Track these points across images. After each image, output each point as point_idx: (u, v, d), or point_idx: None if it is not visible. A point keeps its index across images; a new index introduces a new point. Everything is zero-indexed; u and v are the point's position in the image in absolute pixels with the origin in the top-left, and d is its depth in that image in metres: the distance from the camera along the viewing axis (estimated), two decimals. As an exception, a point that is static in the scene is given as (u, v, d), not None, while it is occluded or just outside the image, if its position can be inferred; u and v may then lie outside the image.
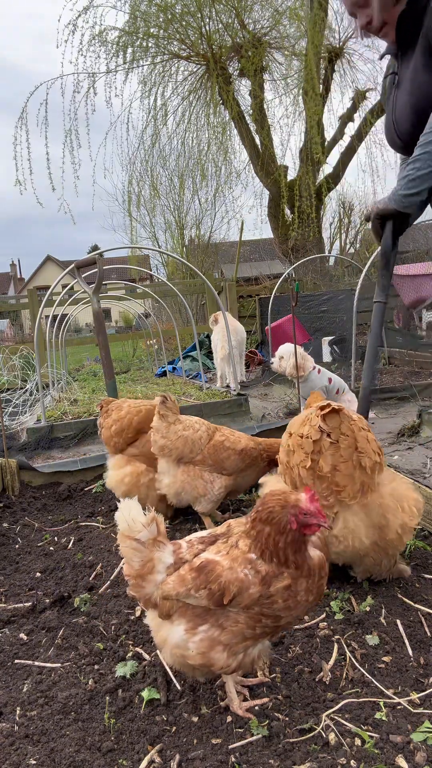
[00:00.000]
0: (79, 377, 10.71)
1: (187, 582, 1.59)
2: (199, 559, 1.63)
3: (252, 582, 1.55)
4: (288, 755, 1.50)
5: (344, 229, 20.73)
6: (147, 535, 1.64)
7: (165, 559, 1.65)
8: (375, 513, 2.10)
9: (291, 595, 1.57)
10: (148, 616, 1.72)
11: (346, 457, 2.06)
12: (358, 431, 2.10)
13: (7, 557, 2.98)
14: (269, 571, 1.56)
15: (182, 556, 1.67)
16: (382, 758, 1.47)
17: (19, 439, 5.70)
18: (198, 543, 1.70)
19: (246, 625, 1.57)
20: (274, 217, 14.22)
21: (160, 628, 1.66)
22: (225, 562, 1.59)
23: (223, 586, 1.55)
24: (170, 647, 1.64)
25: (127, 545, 1.64)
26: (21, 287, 50.10)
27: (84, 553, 2.90)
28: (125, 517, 1.64)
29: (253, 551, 1.60)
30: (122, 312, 34.42)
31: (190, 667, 1.65)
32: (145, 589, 1.65)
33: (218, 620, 1.59)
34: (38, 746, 1.64)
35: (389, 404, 6.10)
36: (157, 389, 7.50)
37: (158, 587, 1.63)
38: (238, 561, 1.59)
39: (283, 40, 13.08)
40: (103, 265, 4.35)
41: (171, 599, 1.61)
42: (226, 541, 1.66)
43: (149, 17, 12.66)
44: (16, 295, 35.04)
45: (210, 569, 1.59)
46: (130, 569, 1.66)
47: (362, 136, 14.05)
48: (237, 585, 1.55)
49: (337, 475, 2.06)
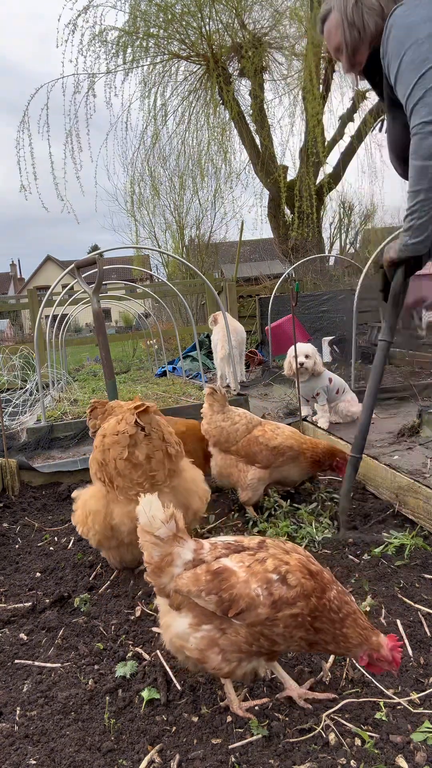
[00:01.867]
0: (79, 377, 10.71)
1: (201, 583, 1.60)
2: (217, 563, 1.63)
3: (262, 603, 1.56)
4: (288, 755, 1.50)
5: (344, 229, 20.75)
6: (166, 531, 1.67)
7: (184, 555, 1.68)
8: (181, 495, 2.49)
9: (296, 625, 1.57)
10: (159, 602, 1.76)
11: (157, 447, 2.39)
12: (164, 426, 2.46)
13: (7, 557, 2.98)
14: (282, 596, 1.56)
15: (202, 556, 1.68)
16: (382, 758, 1.47)
17: (19, 439, 5.70)
18: (222, 548, 1.71)
19: (245, 639, 1.58)
20: (274, 217, 14.22)
21: (166, 614, 1.70)
22: (242, 574, 1.60)
23: (233, 598, 1.56)
24: (171, 635, 1.66)
25: (147, 540, 1.68)
26: (21, 287, 50.09)
27: (84, 553, 2.90)
28: (146, 513, 1.67)
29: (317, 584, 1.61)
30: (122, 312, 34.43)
31: (185, 656, 1.67)
32: (161, 579, 1.68)
33: (221, 625, 1.60)
34: (38, 746, 1.64)
35: (389, 404, 6.10)
36: (157, 389, 7.50)
37: (173, 579, 1.66)
38: (257, 577, 1.59)
39: (283, 40, 13.08)
40: (103, 265, 4.34)
41: (182, 594, 1.63)
42: (254, 554, 1.66)
43: (149, 17, 12.66)
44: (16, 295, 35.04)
45: (225, 577, 1.59)
46: (150, 559, 1.69)
47: (362, 136, 14.04)
48: (247, 601, 1.56)
49: (151, 462, 2.38)
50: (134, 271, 20.70)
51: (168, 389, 7.42)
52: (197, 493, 2.59)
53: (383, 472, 3.23)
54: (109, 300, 12.94)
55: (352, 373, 6.41)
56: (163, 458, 2.43)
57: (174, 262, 17.71)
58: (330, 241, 19.68)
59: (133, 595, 2.44)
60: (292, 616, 1.56)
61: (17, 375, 8.83)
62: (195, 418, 3.45)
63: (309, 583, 1.60)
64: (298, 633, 1.58)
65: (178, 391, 7.19)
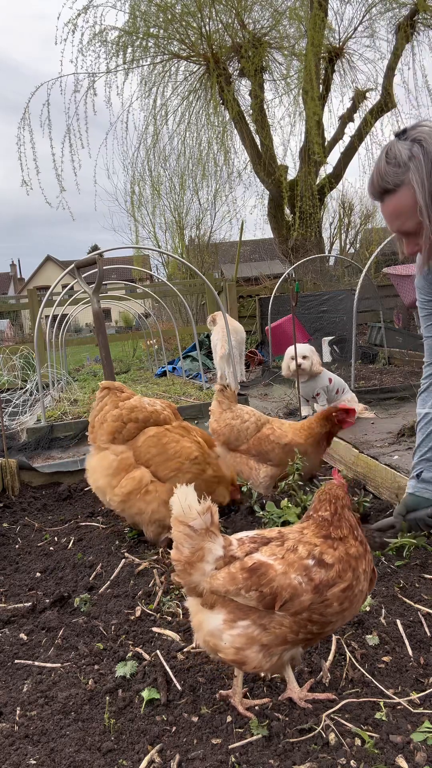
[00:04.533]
0: (79, 377, 10.71)
1: (238, 581, 1.58)
2: (251, 560, 1.62)
3: (305, 590, 1.56)
4: (288, 755, 1.50)
5: (344, 229, 20.75)
6: (201, 523, 1.62)
7: (215, 551, 1.65)
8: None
9: (348, 596, 1.59)
10: (189, 601, 1.72)
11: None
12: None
13: (7, 557, 2.98)
14: (323, 579, 1.57)
15: (233, 553, 1.66)
16: (382, 758, 1.47)
17: (19, 439, 5.70)
18: (249, 542, 1.69)
19: (290, 629, 1.57)
20: (275, 217, 14.22)
21: (198, 613, 1.67)
22: (279, 566, 1.59)
23: (276, 591, 1.55)
24: (204, 633, 1.64)
25: (180, 530, 1.64)
26: (21, 287, 50.06)
27: (84, 553, 2.90)
28: (180, 503, 1.64)
29: (322, 533, 1.66)
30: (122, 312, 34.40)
31: (220, 659, 1.65)
32: (192, 576, 1.64)
33: (261, 620, 1.58)
34: (38, 746, 1.64)
35: (389, 404, 6.10)
36: (157, 389, 7.50)
37: (205, 577, 1.63)
38: (294, 567, 1.59)
39: (283, 40, 13.07)
40: (103, 265, 4.35)
41: (219, 595, 1.61)
42: (282, 544, 1.66)
43: (149, 17, 12.66)
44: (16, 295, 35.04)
45: (263, 572, 1.58)
46: (179, 555, 1.65)
47: (362, 136, 14.04)
48: (290, 591, 1.55)
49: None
50: (134, 271, 20.70)
51: (168, 389, 7.42)
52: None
53: (383, 472, 3.23)
54: (109, 300, 12.95)
55: (352, 373, 6.42)
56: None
57: (174, 262, 17.72)
58: (330, 241, 19.69)
59: (133, 595, 2.44)
60: (344, 590, 1.57)
61: (17, 375, 8.83)
62: (195, 417, 3.45)
63: (342, 550, 1.63)
64: (355, 603, 1.63)
65: (178, 391, 7.20)
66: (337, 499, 1.71)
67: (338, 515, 1.69)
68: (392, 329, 9.30)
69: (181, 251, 17.18)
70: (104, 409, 2.85)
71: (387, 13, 13.40)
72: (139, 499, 2.74)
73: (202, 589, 1.64)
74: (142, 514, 2.77)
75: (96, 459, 2.86)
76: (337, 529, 1.66)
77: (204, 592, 1.64)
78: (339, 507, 1.70)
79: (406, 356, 7.98)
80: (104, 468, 2.79)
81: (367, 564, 1.66)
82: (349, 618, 1.67)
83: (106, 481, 2.79)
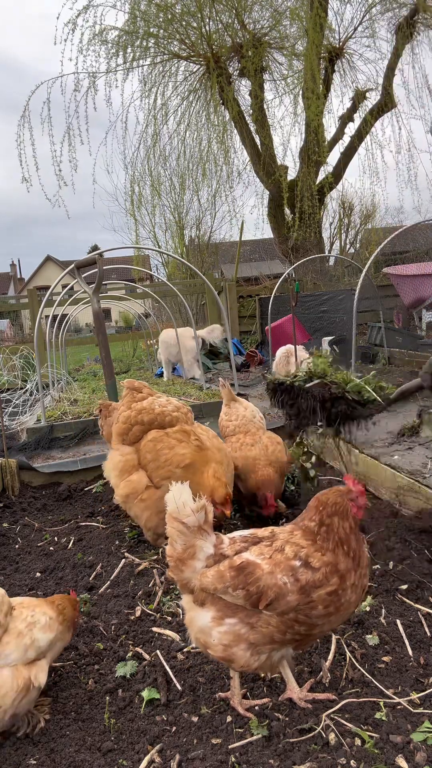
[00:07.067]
0: (79, 377, 10.70)
1: (226, 579, 1.60)
2: (240, 559, 1.64)
3: (290, 590, 1.56)
4: (288, 755, 1.50)
5: (344, 229, 20.73)
6: (194, 521, 1.66)
7: (206, 549, 1.67)
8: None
9: (333, 601, 1.58)
10: (183, 599, 1.75)
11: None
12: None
13: (7, 557, 2.98)
14: (309, 581, 1.57)
15: (223, 551, 1.68)
16: (382, 758, 1.47)
17: (19, 439, 5.70)
18: (241, 541, 1.71)
19: (277, 629, 1.58)
20: (275, 217, 14.20)
21: (191, 610, 1.70)
22: (266, 566, 1.60)
23: (261, 590, 1.57)
24: (195, 630, 1.66)
25: (174, 527, 1.67)
26: (21, 287, 50.03)
27: (84, 553, 2.90)
28: (175, 500, 1.67)
29: (320, 544, 1.63)
30: (122, 312, 34.37)
31: (210, 656, 1.66)
32: (184, 573, 1.67)
33: (249, 618, 1.59)
34: (38, 746, 1.64)
35: (389, 404, 6.09)
36: (157, 389, 7.49)
37: (196, 574, 1.65)
38: (281, 567, 1.60)
39: (283, 40, 13.05)
40: (103, 265, 4.34)
41: (208, 592, 1.63)
42: (270, 544, 1.67)
43: (149, 17, 12.64)
44: (16, 295, 35.02)
45: (250, 571, 1.60)
46: (173, 551, 1.69)
47: (362, 136, 14.02)
48: (275, 591, 1.56)
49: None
50: (134, 271, 20.70)
51: (168, 389, 7.41)
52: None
53: (383, 472, 3.23)
54: (109, 300, 12.94)
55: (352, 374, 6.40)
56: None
57: (174, 262, 17.70)
58: (330, 241, 19.67)
59: (133, 595, 2.44)
60: (329, 594, 1.57)
61: (17, 375, 8.82)
62: (195, 417, 3.44)
63: (331, 557, 1.61)
64: (342, 611, 1.60)
65: (178, 391, 7.19)
66: (326, 507, 1.66)
67: (326, 527, 1.65)
68: (392, 329, 9.29)
69: (181, 251, 17.17)
70: (119, 409, 2.95)
71: (387, 13, 13.39)
72: (135, 504, 2.79)
73: (193, 586, 1.66)
74: (139, 519, 2.84)
75: (110, 456, 2.99)
76: (325, 542, 1.63)
77: (195, 589, 1.66)
78: (326, 516, 1.65)
79: (406, 356, 7.98)
80: (113, 467, 2.90)
81: (357, 578, 1.62)
82: (336, 625, 1.66)
83: (115, 481, 2.89)
